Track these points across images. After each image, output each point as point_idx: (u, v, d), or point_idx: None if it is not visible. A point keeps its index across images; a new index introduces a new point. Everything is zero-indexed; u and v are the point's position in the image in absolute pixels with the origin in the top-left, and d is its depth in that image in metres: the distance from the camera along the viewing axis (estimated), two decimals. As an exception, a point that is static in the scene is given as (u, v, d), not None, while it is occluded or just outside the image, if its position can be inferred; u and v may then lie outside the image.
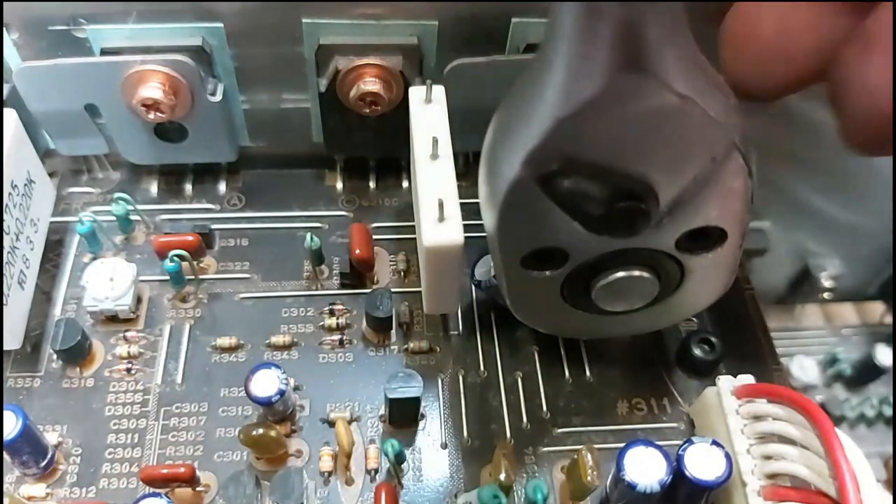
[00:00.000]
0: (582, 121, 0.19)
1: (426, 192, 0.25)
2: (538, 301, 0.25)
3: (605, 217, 0.21)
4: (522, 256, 0.23)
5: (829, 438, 0.21)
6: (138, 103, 0.28)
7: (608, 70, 0.18)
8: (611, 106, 0.19)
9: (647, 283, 0.24)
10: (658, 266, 0.24)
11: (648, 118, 0.19)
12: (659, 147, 0.20)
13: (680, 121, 0.19)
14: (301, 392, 0.28)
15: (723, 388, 0.25)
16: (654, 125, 0.19)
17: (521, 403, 0.28)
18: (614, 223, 0.21)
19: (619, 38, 0.18)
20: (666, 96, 0.19)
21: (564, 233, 0.22)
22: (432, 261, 0.25)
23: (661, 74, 0.18)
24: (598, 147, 0.20)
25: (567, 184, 0.20)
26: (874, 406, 0.38)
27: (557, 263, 0.24)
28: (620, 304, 0.25)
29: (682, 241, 0.23)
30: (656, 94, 0.19)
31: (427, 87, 0.27)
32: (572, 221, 0.22)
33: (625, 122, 0.19)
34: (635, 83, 0.18)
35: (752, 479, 0.23)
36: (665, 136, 0.20)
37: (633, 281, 0.24)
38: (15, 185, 0.27)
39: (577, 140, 0.19)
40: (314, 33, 0.29)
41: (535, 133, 0.20)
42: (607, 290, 0.24)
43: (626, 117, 0.19)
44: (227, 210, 0.33)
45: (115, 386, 0.28)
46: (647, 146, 0.20)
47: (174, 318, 0.30)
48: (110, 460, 0.26)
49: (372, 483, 0.26)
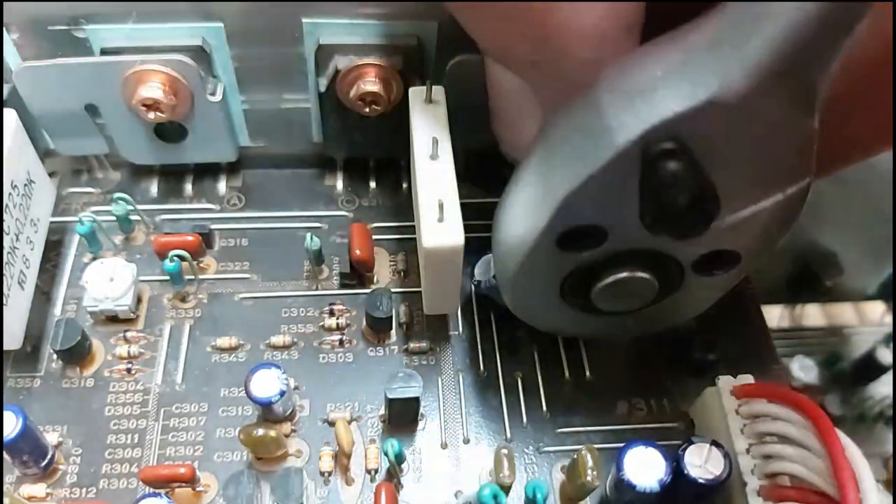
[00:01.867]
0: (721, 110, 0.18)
1: (426, 192, 0.25)
2: (538, 299, 0.25)
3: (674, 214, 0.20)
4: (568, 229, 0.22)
5: (829, 438, 0.21)
6: (138, 103, 0.28)
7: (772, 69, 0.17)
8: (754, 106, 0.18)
9: (647, 284, 0.24)
10: (660, 270, 0.24)
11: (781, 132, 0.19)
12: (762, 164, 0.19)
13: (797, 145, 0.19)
14: (301, 392, 0.28)
15: (722, 388, 0.25)
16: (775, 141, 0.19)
17: (520, 403, 0.28)
18: (677, 222, 0.21)
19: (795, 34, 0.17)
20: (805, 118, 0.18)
21: (619, 218, 0.21)
22: (432, 261, 0.25)
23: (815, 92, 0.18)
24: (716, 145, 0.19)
25: (668, 167, 0.19)
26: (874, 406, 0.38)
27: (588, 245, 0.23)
28: (618, 304, 0.25)
29: (701, 257, 0.23)
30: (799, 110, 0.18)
31: (427, 87, 0.27)
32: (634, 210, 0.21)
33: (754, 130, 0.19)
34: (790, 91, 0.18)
35: (752, 479, 0.23)
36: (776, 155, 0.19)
37: (632, 282, 0.24)
38: (15, 185, 0.27)
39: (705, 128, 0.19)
40: (314, 33, 0.29)
41: (672, 104, 0.18)
42: (607, 291, 0.24)
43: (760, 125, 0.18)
44: (227, 210, 0.33)
45: (115, 386, 0.28)
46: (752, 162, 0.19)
47: (174, 318, 0.30)
48: (110, 460, 0.26)
49: (372, 483, 0.26)
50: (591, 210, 0.21)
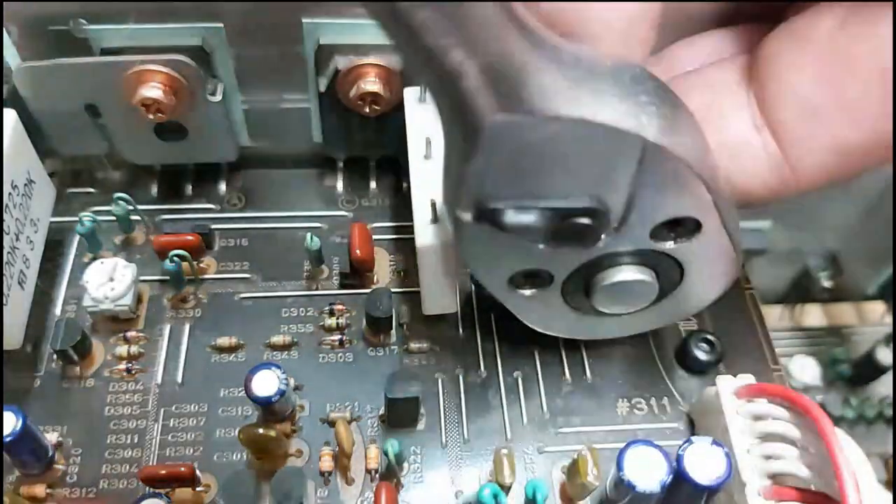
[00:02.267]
0: (488, 164, 0.19)
1: (420, 192, 0.25)
2: (540, 307, 0.25)
3: (559, 236, 0.21)
4: (506, 281, 0.23)
5: (829, 438, 0.21)
6: (138, 103, 0.28)
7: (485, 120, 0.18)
8: (504, 146, 0.19)
9: (647, 285, 0.24)
10: (655, 264, 0.24)
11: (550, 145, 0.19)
12: (576, 165, 0.19)
13: (581, 138, 0.19)
14: (301, 392, 0.28)
15: (723, 388, 0.25)
16: (559, 149, 0.19)
17: (520, 403, 0.28)
18: (568, 240, 0.21)
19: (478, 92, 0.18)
20: (552, 124, 0.18)
21: (535, 253, 0.22)
22: (427, 261, 0.25)
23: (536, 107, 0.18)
24: (519, 181, 0.20)
25: (509, 217, 0.20)
26: (874, 406, 0.38)
27: (544, 281, 0.24)
28: (622, 306, 0.25)
29: (657, 235, 0.22)
30: (541, 125, 0.18)
31: (422, 86, 0.27)
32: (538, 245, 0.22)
33: (527, 156, 0.19)
34: (516, 122, 0.18)
35: (753, 479, 0.23)
36: (576, 154, 0.19)
37: (632, 284, 0.24)
38: (15, 185, 0.27)
39: (495, 179, 0.20)
40: (314, 33, 0.29)
41: (454, 184, 0.20)
42: (607, 294, 0.24)
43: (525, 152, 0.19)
44: (227, 210, 0.33)
45: (115, 386, 0.28)
46: (563, 168, 0.19)
47: (174, 318, 0.30)
48: (110, 460, 0.26)
49: (372, 483, 0.26)
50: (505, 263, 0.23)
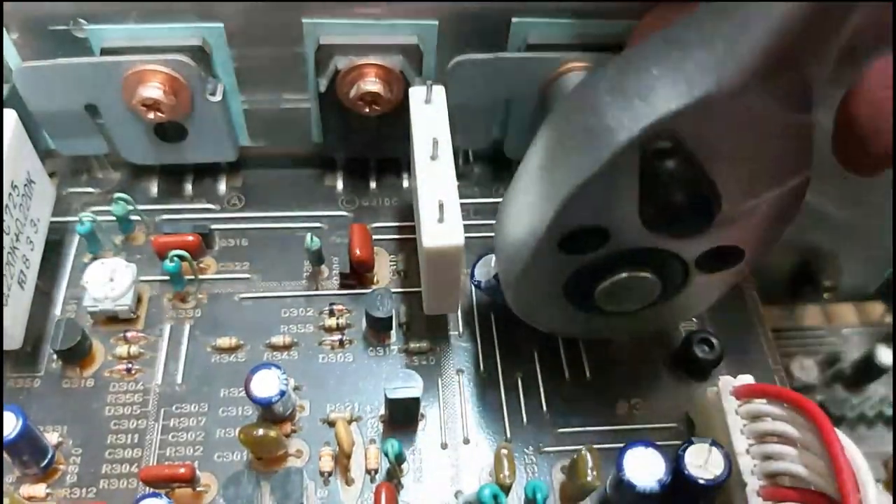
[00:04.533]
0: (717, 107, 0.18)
1: (426, 192, 0.25)
2: (540, 300, 0.25)
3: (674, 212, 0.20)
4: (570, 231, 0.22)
5: (829, 438, 0.21)
6: (138, 103, 0.28)
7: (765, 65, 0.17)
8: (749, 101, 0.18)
9: (650, 284, 0.24)
10: (663, 269, 0.24)
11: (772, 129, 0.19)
12: (759, 158, 0.20)
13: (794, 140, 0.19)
14: (301, 392, 0.28)
15: (723, 388, 0.25)
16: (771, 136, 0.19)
17: (520, 403, 0.28)
18: (677, 220, 0.21)
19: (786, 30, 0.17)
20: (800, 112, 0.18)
21: (620, 219, 0.21)
22: (432, 261, 0.25)
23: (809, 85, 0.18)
24: (713, 141, 0.19)
25: (666, 165, 0.19)
26: (874, 406, 0.38)
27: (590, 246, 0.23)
28: (622, 304, 0.25)
29: (704, 254, 0.22)
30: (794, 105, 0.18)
31: (427, 87, 0.27)
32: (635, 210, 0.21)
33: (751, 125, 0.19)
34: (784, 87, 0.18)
35: (752, 479, 0.23)
36: (773, 150, 0.19)
37: (636, 282, 0.24)
38: (15, 185, 0.27)
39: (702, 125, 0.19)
40: (314, 33, 0.29)
41: (668, 103, 0.18)
42: (610, 291, 0.24)
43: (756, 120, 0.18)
44: (226, 210, 0.33)
45: (115, 386, 0.28)
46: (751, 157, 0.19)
47: (174, 318, 0.30)
48: (110, 460, 0.26)
49: (372, 483, 0.26)
50: (593, 211, 0.21)
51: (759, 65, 0.17)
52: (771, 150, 0.20)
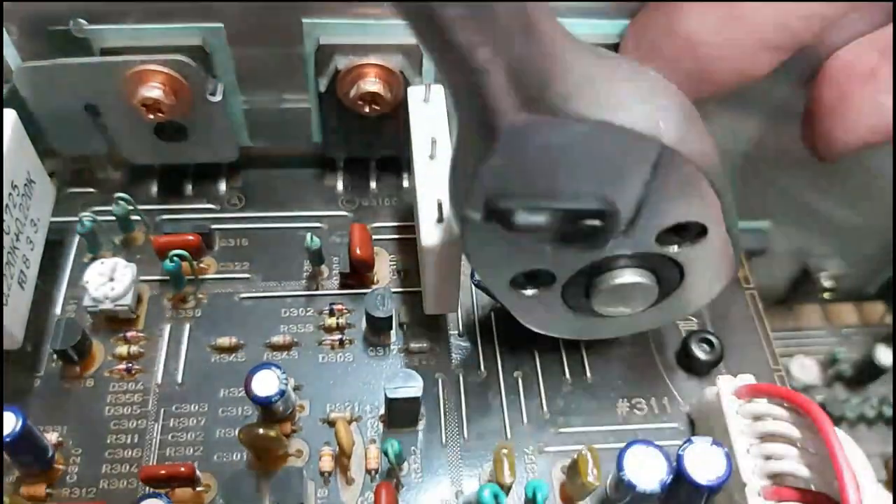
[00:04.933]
0: (503, 163, 0.19)
1: (425, 192, 0.25)
2: (540, 308, 0.25)
3: (567, 237, 0.21)
4: (508, 281, 0.23)
5: (830, 438, 0.21)
6: (138, 103, 0.28)
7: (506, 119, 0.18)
8: (522, 145, 0.19)
9: (647, 287, 0.24)
10: (656, 267, 0.24)
11: (567, 149, 0.19)
12: (592, 167, 0.20)
13: (601, 141, 0.19)
14: (301, 392, 0.28)
15: (723, 388, 0.25)
16: (576, 153, 0.19)
17: (520, 403, 0.28)
18: (578, 240, 0.21)
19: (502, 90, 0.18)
20: (574, 126, 0.18)
21: (540, 253, 0.22)
22: (432, 261, 0.25)
23: (560, 108, 0.18)
24: (532, 181, 0.20)
25: (519, 217, 0.20)
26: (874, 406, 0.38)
27: (546, 281, 0.24)
28: (622, 308, 0.25)
29: (662, 239, 0.22)
30: (563, 126, 0.18)
31: (426, 87, 0.27)
32: (545, 245, 0.22)
33: (545, 157, 0.19)
34: (537, 122, 0.18)
35: (753, 480, 0.23)
36: (592, 156, 0.19)
37: (632, 287, 0.24)
38: (15, 185, 0.27)
39: (508, 179, 0.20)
40: (314, 33, 0.29)
41: (465, 183, 0.20)
42: (607, 297, 0.24)
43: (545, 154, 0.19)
44: (227, 210, 0.33)
45: (115, 386, 0.28)
46: (578, 171, 0.20)
47: (174, 318, 0.30)
48: (110, 460, 0.26)
49: (372, 483, 0.26)
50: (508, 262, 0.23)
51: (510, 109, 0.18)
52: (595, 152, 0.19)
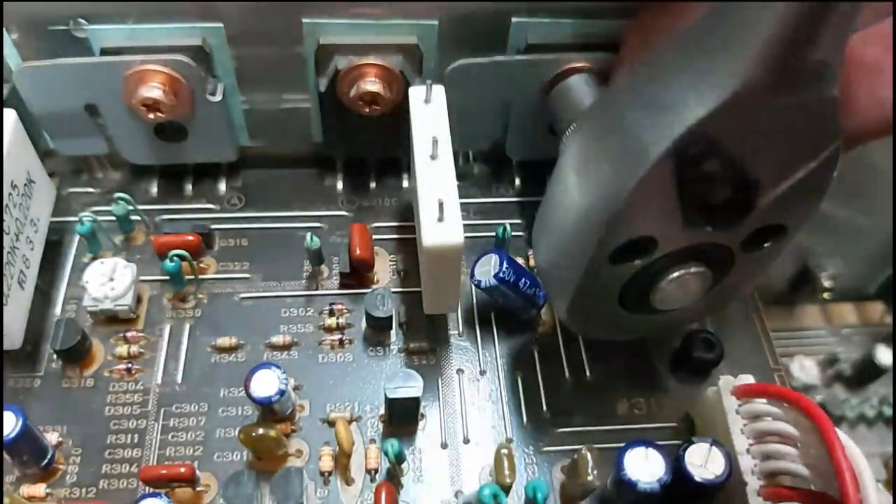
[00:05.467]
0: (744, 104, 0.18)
1: (426, 192, 0.25)
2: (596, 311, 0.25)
3: (713, 208, 0.21)
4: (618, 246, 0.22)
5: (830, 438, 0.21)
6: (138, 103, 0.28)
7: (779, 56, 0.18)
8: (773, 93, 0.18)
9: (702, 277, 0.24)
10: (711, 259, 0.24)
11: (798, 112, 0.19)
12: (791, 141, 0.20)
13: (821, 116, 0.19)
14: (301, 392, 0.28)
15: (723, 387, 0.25)
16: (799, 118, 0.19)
17: (521, 403, 0.28)
18: (720, 217, 0.21)
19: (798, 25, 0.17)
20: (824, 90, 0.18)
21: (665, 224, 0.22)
22: (432, 261, 0.25)
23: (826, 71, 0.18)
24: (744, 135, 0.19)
25: (702, 167, 0.20)
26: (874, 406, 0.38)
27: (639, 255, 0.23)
28: (678, 302, 0.25)
29: (748, 237, 0.23)
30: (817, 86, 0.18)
31: (427, 86, 0.27)
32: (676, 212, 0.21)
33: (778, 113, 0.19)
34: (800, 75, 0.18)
35: (752, 479, 0.23)
36: (800, 131, 0.19)
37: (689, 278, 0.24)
38: (15, 184, 0.27)
39: (731, 123, 0.19)
40: (314, 33, 0.29)
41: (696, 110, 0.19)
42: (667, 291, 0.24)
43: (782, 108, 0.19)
44: (227, 210, 0.33)
45: (115, 386, 0.28)
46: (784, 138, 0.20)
47: (174, 318, 0.30)
48: (110, 460, 0.26)
49: (372, 483, 0.26)
50: (637, 223, 0.22)
51: (780, 59, 0.18)
52: (801, 132, 0.20)
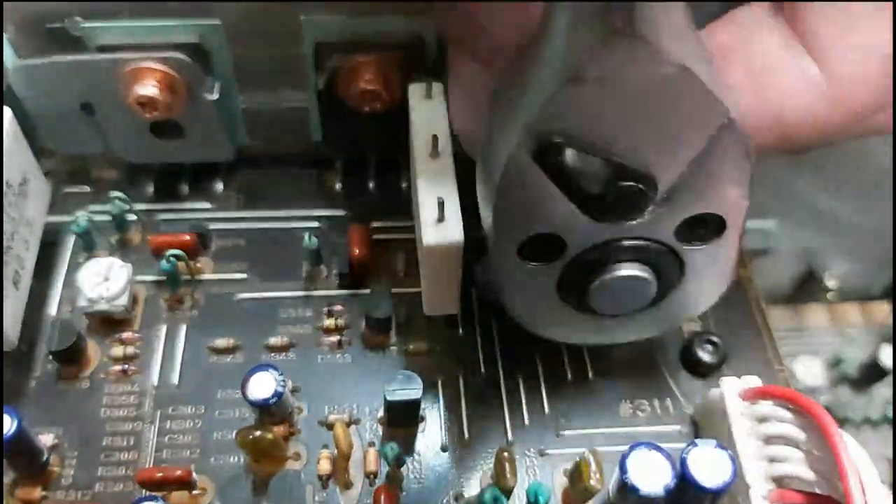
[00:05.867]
0: (578, 92, 0.19)
1: (426, 191, 0.24)
2: (537, 303, 0.25)
3: (602, 198, 0.21)
4: (519, 244, 0.22)
5: (834, 440, 0.21)
6: (135, 101, 0.28)
7: (600, 36, 0.18)
8: (606, 75, 0.18)
9: (645, 282, 0.24)
10: (656, 263, 0.23)
11: (643, 89, 0.19)
12: (656, 122, 0.19)
13: (676, 92, 0.19)
14: (299, 394, 0.28)
15: (727, 389, 0.25)
16: (649, 97, 0.19)
17: (522, 405, 0.28)
18: (611, 204, 0.21)
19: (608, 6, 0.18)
20: (661, 65, 0.18)
21: (561, 218, 0.21)
22: (432, 260, 0.24)
23: (653, 40, 0.18)
24: (594, 120, 0.19)
25: (565, 158, 0.20)
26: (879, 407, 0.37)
27: (553, 255, 0.23)
28: (618, 306, 0.25)
29: (680, 230, 0.22)
30: (650, 61, 0.18)
31: (427, 84, 0.27)
32: (570, 205, 0.21)
33: (620, 93, 0.19)
34: (627, 50, 0.18)
35: (757, 482, 0.23)
36: (661, 109, 0.19)
37: (630, 281, 0.23)
38: (10, 184, 0.27)
39: (574, 113, 0.19)
40: (313, 31, 0.28)
41: (533, 106, 0.19)
42: (604, 291, 0.24)
43: (622, 87, 0.19)
44: (224, 209, 0.33)
45: (111, 388, 0.27)
46: (643, 121, 0.19)
47: (170, 318, 0.29)
48: (106, 463, 0.26)
49: (371, 486, 0.26)
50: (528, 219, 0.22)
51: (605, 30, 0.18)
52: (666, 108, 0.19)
